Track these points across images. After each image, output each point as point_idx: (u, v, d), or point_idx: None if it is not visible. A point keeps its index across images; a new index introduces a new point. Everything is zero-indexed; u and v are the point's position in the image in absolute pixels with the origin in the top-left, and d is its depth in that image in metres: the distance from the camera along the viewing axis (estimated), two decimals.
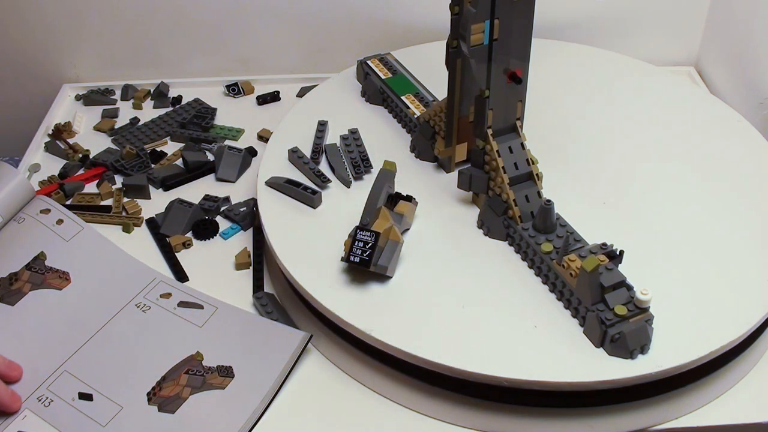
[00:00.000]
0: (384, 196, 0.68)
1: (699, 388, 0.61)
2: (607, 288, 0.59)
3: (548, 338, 0.60)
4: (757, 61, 0.89)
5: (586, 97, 0.85)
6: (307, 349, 0.66)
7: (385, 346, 0.60)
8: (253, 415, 0.61)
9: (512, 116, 0.68)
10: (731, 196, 0.72)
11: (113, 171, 0.84)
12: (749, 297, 0.63)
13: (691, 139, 0.79)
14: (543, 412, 0.60)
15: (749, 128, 0.80)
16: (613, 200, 0.72)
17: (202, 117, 0.91)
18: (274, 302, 0.70)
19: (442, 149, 0.74)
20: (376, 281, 0.65)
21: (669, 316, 0.60)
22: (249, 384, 0.63)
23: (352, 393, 0.64)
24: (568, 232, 0.65)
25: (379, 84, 0.84)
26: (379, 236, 0.63)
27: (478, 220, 0.70)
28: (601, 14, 0.98)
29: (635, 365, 0.58)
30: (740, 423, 0.61)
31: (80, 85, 0.99)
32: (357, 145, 0.79)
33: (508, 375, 0.57)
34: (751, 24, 0.90)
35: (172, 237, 0.76)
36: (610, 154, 0.77)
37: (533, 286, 0.64)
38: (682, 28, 1.00)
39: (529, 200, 0.66)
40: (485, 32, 0.62)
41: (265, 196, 0.74)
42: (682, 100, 0.85)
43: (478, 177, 0.68)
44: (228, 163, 0.83)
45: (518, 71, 0.65)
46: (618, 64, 0.90)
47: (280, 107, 0.95)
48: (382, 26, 0.97)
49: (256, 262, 0.74)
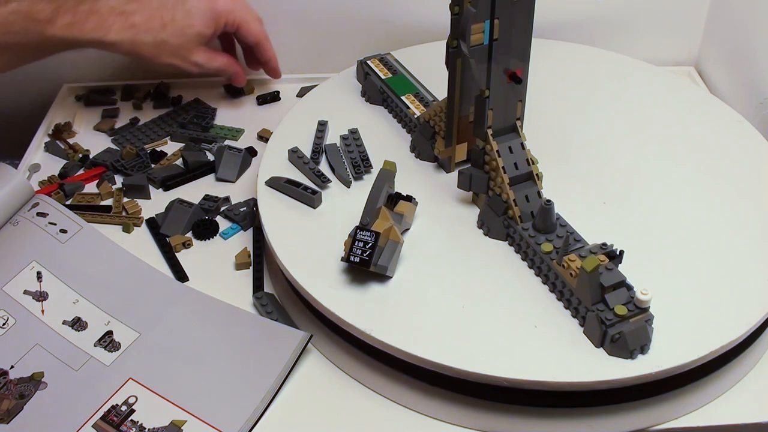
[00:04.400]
0: (384, 196, 0.68)
1: (699, 388, 0.61)
2: (607, 288, 0.59)
3: (548, 338, 0.60)
4: (757, 61, 0.89)
5: (586, 97, 0.85)
6: (307, 349, 0.66)
7: (385, 346, 0.60)
8: (253, 415, 0.61)
9: (512, 116, 0.68)
10: (731, 196, 0.72)
11: (113, 171, 0.84)
12: (749, 297, 0.63)
13: (691, 139, 0.79)
14: (543, 412, 0.60)
15: (749, 128, 0.80)
16: (613, 200, 0.72)
17: (202, 117, 0.91)
18: (274, 302, 0.70)
19: (442, 149, 0.74)
20: (376, 281, 0.65)
21: (669, 316, 0.60)
22: (249, 384, 0.63)
23: (352, 393, 0.64)
24: (568, 232, 0.65)
25: (379, 84, 0.84)
26: (379, 236, 0.63)
27: (478, 220, 0.70)
28: (601, 14, 0.98)
29: (635, 365, 0.58)
30: (740, 423, 0.61)
31: (80, 85, 0.99)
32: (357, 145, 0.79)
33: (508, 375, 0.57)
34: (751, 24, 0.90)
35: (172, 237, 0.76)
36: (610, 154, 0.77)
37: (533, 286, 0.64)
38: (682, 28, 1.00)
39: (529, 200, 0.66)
40: (485, 32, 0.62)
41: (265, 196, 0.74)
42: (682, 100, 0.85)
43: (478, 177, 0.68)
44: (228, 163, 0.83)
45: (518, 71, 0.65)
46: (618, 64, 0.90)
47: (280, 107, 0.95)
48: (382, 26, 0.97)
49: (256, 262, 0.74)
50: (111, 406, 0.62)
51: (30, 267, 0.71)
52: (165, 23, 0.81)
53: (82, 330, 0.68)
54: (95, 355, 0.66)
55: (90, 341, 0.67)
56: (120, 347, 0.66)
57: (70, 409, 0.62)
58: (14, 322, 0.68)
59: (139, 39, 0.80)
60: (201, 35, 0.84)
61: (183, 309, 0.69)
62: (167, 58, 0.83)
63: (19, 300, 0.69)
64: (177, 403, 0.62)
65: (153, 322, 0.68)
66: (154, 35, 0.81)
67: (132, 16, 0.80)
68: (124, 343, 0.67)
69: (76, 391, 0.63)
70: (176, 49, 0.83)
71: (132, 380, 0.64)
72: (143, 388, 0.63)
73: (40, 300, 0.69)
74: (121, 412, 0.62)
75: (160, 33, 0.81)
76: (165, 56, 0.83)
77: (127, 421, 0.61)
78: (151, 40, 0.81)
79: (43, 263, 0.72)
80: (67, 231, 0.74)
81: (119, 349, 0.66)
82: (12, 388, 0.64)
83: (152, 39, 0.81)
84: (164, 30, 0.81)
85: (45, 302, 0.69)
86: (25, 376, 0.64)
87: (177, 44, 0.82)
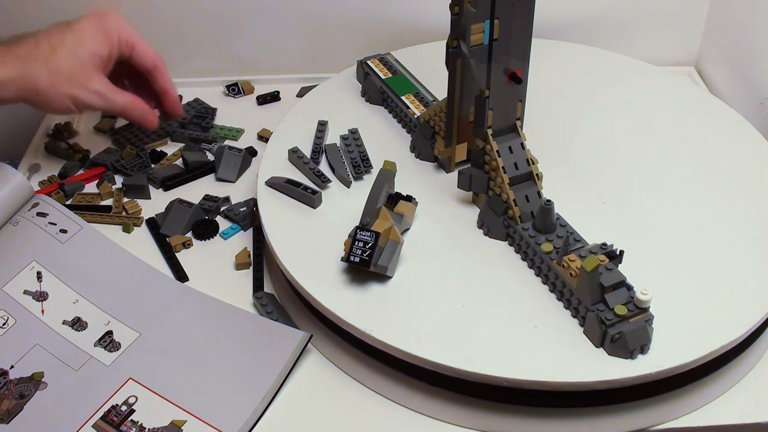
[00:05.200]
0: (384, 196, 0.68)
1: (699, 388, 0.61)
2: (607, 288, 0.59)
3: (548, 338, 0.60)
4: (757, 61, 0.89)
5: (586, 97, 0.85)
6: (307, 349, 0.66)
7: (385, 346, 0.60)
8: (253, 415, 0.61)
9: (512, 116, 0.68)
10: (731, 196, 0.72)
11: (113, 171, 0.84)
12: (749, 297, 0.63)
13: (691, 139, 0.79)
14: (543, 412, 0.60)
15: (749, 128, 0.80)
16: (613, 200, 0.72)
17: (202, 117, 0.91)
18: (274, 302, 0.70)
19: (442, 149, 0.74)
20: (376, 281, 0.65)
21: (669, 316, 0.60)
22: (249, 384, 0.63)
23: (352, 393, 0.64)
24: (568, 232, 0.65)
25: (379, 84, 0.84)
26: (379, 236, 0.63)
27: (478, 220, 0.70)
28: (601, 14, 0.98)
29: (635, 365, 0.58)
30: (740, 423, 0.61)
31: None
32: (357, 145, 0.79)
33: (508, 375, 0.57)
34: (751, 24, 0.90)
35: (172, 237, 0.76)
36: (610, 154, 0.77)
37: (533, 286, 0.64)
38: (682, 28, 1.00)
39: (529, 200, 0.66)
40: (485, 32, 0.62)
41: (265, 196, 0.74)
42: (682, 100, 0.85)
43: (478, 177, 0.68)
44: (228, 163, 0.83)
45: (518, 71, 0.65)
46: (618, 64, 0.90)
47: (280, 107, 0.95)
48: (382, 26, 0.97)
49: (256, 262, 0.74)
50: (111, 406, 0.62)
51: (30, 267, 0.71)
52: (54, 47, 0.73)
53: (82, 330, 0.68)
54: (95, 355, 0.66)
55: (90, 341, 0.67)
56: (120, 347, 0.66)
57: (70, 409, 0.62)
58: (14, 322, 0.68)
59: (28, 70, 0.71)
60: (96, 54, 0.74)
61: (183, 309, 0.69)
62: (65, 87, 0.73)
63: (19, 300, 0.69)
64: (177, 403, 0.62)
65: (153, 322, 0.68)
66: (45, 62, 0.72)
67: (15, 49, 0.72)
68: (124, 343, 0.67)
69: (76, 391, 0.63)
70: (72, 74, 0.73)
71: (132, 380, 0.64)
72: (143, 388, 0.63)
73: (40, 300, 0.69)
74: (121, 412, 0.62)
75: (50, 58, 0.72)
76: (62, 85, 0.73)
77: (127, 421, 0.61)
78: (42, 67, 0.72)
79: (43, 263, 0.72)
80: (67, 231, 0.74)
81: (119, 349, 0.66)
82: (12, 388, 0.64)
83: (44, 66, 0.72)
84: (54, 54, 0.72)
85: (45, 302, 0.69)
86: (25, 376, 0.64)
87: (72, 67, 0.73)
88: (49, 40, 0.73)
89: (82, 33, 0.74)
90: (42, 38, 0.73)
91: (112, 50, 0.76)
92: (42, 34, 0.73)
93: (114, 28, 0.75)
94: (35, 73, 0.72)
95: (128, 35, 0.76)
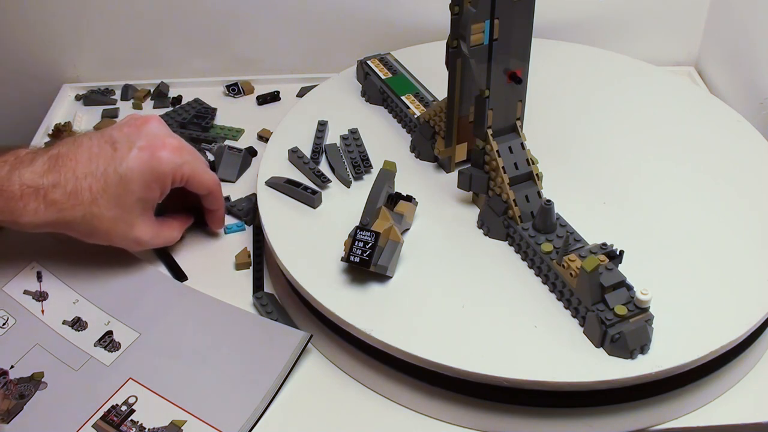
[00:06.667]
0: (384, 196, 0.68)
1: (699, 388, 0.61)
2: (607, 288, 0.59)
3: (548, 338, 0.60)
4: (757, 61, 0.89)
5: (586, 97, 0.85)
6: (307, 349, 0.66)
7: (385, 346, 0.60)
8: (253, 415, 0.61)
9: (512, 116, 0.68)
10: (731, 196, 0.72)
11: None
12: (749, 297, 0.63)
13: (691, 139, 0.79)
14: (543, 412, 0.60)
15: (749, 128, 0.80)
16: (613, 200, 0.72)
17: (202, 117, 0.91)
18: (274, 302, 0.70)
19: (442, 149, 0.74)
20: (376, 281, 0.65)
21: (669, 316, 0.60)
22: (249, 384, 0.63)
23: (352, 393, 0.64)
24: (568, 232, 0.65)
25: (379, 84, 0.84)
26: (379, 236, 0.63)
27: (478, 220, 0.70)
28: (601, 14, 0.98)
29: (635, 365, 0.58)
30: (740, 423, 0.61)
31: (80, 85, 0.99)
32: (357, 145, 0.79)
33: (508, 375, 0.57)
34: (751, 24, 0.90)
35: None
36: (610, 154, 0.77)
37: (533, 286, 0.64)
38: (682, 28, 1.00)
39: (529, 200, 0.66)
40: (485, 32, 0.62)
41: (265, 196, 0.74)
42: (682, 100, 0.85)
43: (478, 177, 0.68)
44: (228, 163, 0.83)
45: (518, 71, 0.65)
46: (618, 64, 0.90)
47: (280, 107, 0.95)
48: (382, 26, 0.97)
49: (256, 262, 0.74)
50: (111, 406, 0.62)
51: (30, 267, 0.71)
52: (95, 197, 0.65)
53: (82, 330, 0.68)
54: (95, 355, 0.66)
55: (90, 341, 0.67)
56: (120, 347, 0.66)
57: (70, 409, 0.62)
58: (14, 322, 0.68)
59: (64, 218, 0.65)
60: (144, 201, 0.68)
61: (183, 309, 0.69)
62: (102, 237, 0.68)
63: (19, 300, 0.69)
64: (177, 403, 0.62)
65: (153, 322, 0.68)
66: (84, 210, 0.65)
67: (51, 192, 0.64)
68: (124, 343, 0.67)
69: (76, 391, 0.63)
70: (114, 223, 0.67)
71: (132, 380, 0.64)
72: (143, 388, 0.63)
73: (40, 300, 0.70)
74: (121, 412, 0.62)
75: (91, 208, 0.65)
76: (100, 235, 0.67)
77: (127, 421, 0.61)
78: (80, 216, 0.65)
79: (43, 263, 0.72)
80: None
81: (119, 349, 0.66)
82: (12, 388, 0.64)
83: (81, 215, 0.65)
84: (95, 204, 0.65)
85: (45, 302, 0.69)
86: (25, 376, 0.64)
87: (114, 218, 0.66)
88: (90, 185, 0.65)
89: (129, 178, 0.66)
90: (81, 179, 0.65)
91: (163, 191, 0.69)
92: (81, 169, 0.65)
93: (168, 169, 0.67)
94: (73, 222, 0.65)
95: (183, 171, 0.68)
